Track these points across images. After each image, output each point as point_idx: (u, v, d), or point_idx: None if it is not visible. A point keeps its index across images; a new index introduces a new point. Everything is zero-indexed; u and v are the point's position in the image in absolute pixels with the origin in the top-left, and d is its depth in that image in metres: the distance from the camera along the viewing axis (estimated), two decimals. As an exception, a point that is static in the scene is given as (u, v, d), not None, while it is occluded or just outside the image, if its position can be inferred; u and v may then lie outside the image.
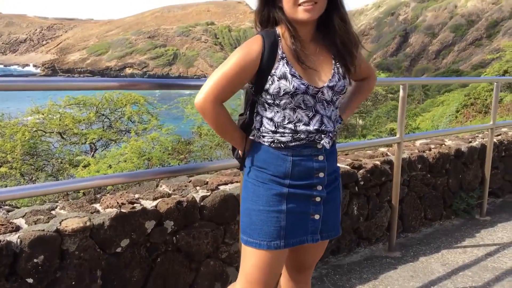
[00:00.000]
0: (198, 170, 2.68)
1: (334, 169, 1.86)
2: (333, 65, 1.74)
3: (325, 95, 1.71)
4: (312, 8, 1.65)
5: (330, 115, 1.74)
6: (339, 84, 1.72)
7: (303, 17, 1.66)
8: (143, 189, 2.56)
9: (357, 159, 3.49)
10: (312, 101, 1.70)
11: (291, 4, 1.66)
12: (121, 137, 11.61)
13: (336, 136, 1.82)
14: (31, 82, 1.93)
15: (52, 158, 10.19)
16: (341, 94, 1.75)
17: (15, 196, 2.07)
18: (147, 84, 2.33)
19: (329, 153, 1.79)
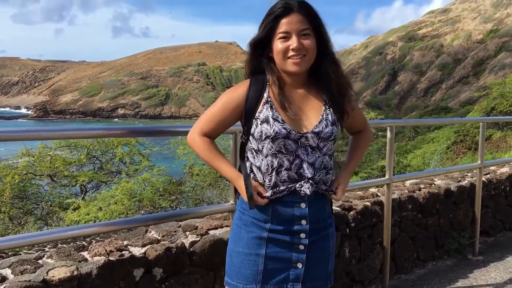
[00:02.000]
0: (188, 215, 2.68)
1: (322, 217, 1.82)
2: (322, 111, 1.75)
3: (309, 141, 1.72)
4: (301, 61, 1.70)
5: (313, 162, 1.72)
6: (325, 130, 1.72)
7: (292, 69, 1.71)
8: (132, 235, 2.54)
9: (348, 201, 3.49)
10: (294, 146, 1.71)
11: (280, 56, 1.71)
12: (112, 178, 11.56)
13: (326, 184, 1.78)
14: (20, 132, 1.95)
15: (41, 201, 10.10)
16: (329, 141, 1.74)
17: (1, 247, 2.04)
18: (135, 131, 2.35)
19: (314, 201, 1.75)
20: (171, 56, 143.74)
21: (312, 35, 1.71)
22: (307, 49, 1.70)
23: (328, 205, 1.84)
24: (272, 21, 1.71)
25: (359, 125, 1.98)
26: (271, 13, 1.72)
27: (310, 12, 1.72)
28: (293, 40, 1.68)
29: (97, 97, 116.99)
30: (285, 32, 1.69)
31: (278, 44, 1.70)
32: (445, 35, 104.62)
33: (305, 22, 1.70)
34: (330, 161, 1.78)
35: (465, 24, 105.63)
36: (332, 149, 1.78)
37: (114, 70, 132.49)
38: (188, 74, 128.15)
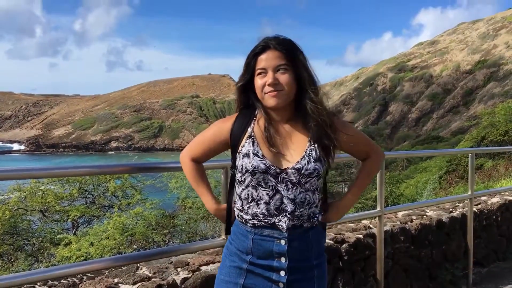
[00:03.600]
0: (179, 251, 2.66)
1: (306, 257, 1.78)
2: (306, 147, 1.77)
3: (289, 176, 1.74)
4: (277, 95, 1.75)
5: (294, 197, 1.73)
6: (307, 167, 1.73)
7: (270, 103, 1.77)
8: (123, 272, 2.52)
9: (340, 233, 3.49)
10: (273, 181, 1.74)
11: (259, 92, 1.79)
12: (104, 213, 11.43)
13: (311, 219, 1.77)
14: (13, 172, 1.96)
15: (32, 237, 9.93)
16: (312, 177, 1.75)
17: None
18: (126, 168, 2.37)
19: (296, 239, 1.75)
20: (164, 89, 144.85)
21: (289, 70, 1.76)
22: (283, 84, 1.74)
23: (316, 245, 1.81)
24: (252, 59, 1.79)
25: (362, 150, 1.95)
26: (251, 51, 1.80)
27: (287, 48, 1.77)
28: (269, 76, 1.74)
29: (90, 130, 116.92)
30: (262, 68, 1.76)
31: (257, 80, 1.78)
32: (434, 66, 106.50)
33: (282, 58, 1.75)
34: (313, 196, 1.78)
35: (453, 55, 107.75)
36: (317, 185, 1.78)
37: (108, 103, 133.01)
38: (182, 106, 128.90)
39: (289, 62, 1.76)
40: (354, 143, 1.88)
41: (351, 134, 1.83)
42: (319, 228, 1.81)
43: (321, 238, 1.84)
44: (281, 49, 1.76)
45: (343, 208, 1.91)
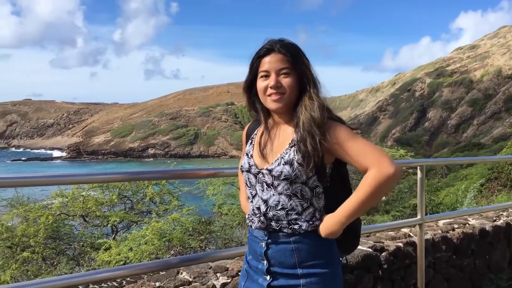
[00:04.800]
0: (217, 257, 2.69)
1: (288, 264, 1.77)
2: (284, 150, 1.77)
3: (265, 177, 1.77)
4: (279, 98, 1.78)
5: (267, 199, 1.76)
6: (277, 168, 1.74)
7: (271, 106, 1.81)
8: (163, 276, 2.57)
9: (379, 241, 3.45)
10: (254, 181, 1.81)
11: (261, 94, 1.83)
12: (142, 218, 11.65)
13: (290, 225, 1.76)
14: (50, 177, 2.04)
15: (74, 242, 10.22)
16: (282, 180, 1.73)
17: None
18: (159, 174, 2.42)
19: (275, 243, 1.77)
20: (200, 97, 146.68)
21: (292, 74, 1.78)
22: (285, 87, 1.77)
23: (304, 254, 1.76)
24: (255, 61, 1.83)
25: (356, 161, 1.75)
26: (256, 53, 1.84)
27: (291, 51, 1.80)
28: (271, 78, 1.78)
29: (128, 137, 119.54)
30: (265, 71, 1.80)
31: (259, 82, 1.82)
32: (475, 71, 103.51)
33: (285, 61, 1.78)
34: (290, 201, 1.75)
35: (494, 59, 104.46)
36: (293, 190, 1.74)
37: (145, 111, 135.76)
38: (217, 113, 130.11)
39: (292, 66, 1.78)
40: (343, 152, 1.75)
41: (336, 142, 1.73)
42: (310, 236, 1.77)
43: (313, 247, 1.78)
44: (285, 52, 1.79)
45: (330, 222, 1.78)
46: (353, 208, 1.73)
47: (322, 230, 1.77)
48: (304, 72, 1.80)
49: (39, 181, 2.02)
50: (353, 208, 1.73)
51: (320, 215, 1.81)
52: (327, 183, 1.80)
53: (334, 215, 1.77)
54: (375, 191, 1.69)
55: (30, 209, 10.28)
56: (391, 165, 1.69)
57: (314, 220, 1.78)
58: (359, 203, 1.72)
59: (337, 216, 1.76)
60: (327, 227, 1.76)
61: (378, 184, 1.68)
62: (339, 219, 1.75)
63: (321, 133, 1.71)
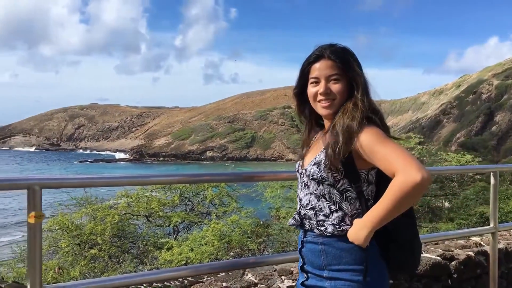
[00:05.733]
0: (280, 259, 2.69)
1: (316, 264, 1.80)
2: (320, 151, 1.82)
3: (303, 178, 1.85)
4: (329, 105, 1.82)
5: (302, 197, 1.84)
6: (308, 169, 1.80)
7: (321, 112, 1.86)
8: (230, 277, 2.61)
9: (448, 250, 3.32)
10: (299, 180, 1.89)
11: (312, 100, 1.88)
12: (202, 219, 11.90)
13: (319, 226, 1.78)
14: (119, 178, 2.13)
15: (137, 240, 10.62)
16: (312, 180, 1.79)
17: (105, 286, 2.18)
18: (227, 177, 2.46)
19: (307, 243, 1.83)
20: (257, 100, 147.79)
21: (342, 79, 1.80)
22: (335, 93, 1.80)
23: (331, 256, 1.76)
24: (306, 68, 1.87)
25: (387, 168, 1.69)
26: (306, 59, 1.88)
27: (341, 57, 1.80)
28: (321, 85, 1.81)
29: (187, 140, 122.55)
30: (315, 77, 1.83)
31: (310, 88, 1.86)
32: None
33: (335, 67, 1.79)
34: (319, 202, 1.77)
35: None
36: (321, 191, 1.77)
37: (204, 115, 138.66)
38: (274, 117, 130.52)
39: (342, 72, 1.79)
40: (371, 157, 1.71)
41: (364, 146, 1.70)
42: (338, 240, 1.76)
43: (340, 252, 1.75)
44: (335, 58, 1.80)
45: (358, 226, 1.74)
46: (379, 214, 1.69)
47: (348, 233, 1.76)
48: (354, 78, 1.80)
49: (107, 181, 2.11)
50: (379, 215, 1.68)
51: (350, 221, 1.78)
52: (361, 188, 1.78)
53: (361, 220, 1.75)
54: (401, 199, 1.63)
55: (97, 208, 10.79)
56: (418, 172, 1.60)
57: (342, 225, 1.77)
58: (385, 211, 1.66)
59: (363, 221, 1.73)
60: (352, 231, 1.75)
61: (403, 192, 1.61)
62: (364, 224, 1.72)
63: (347, 139, 1.71)
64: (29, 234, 1.72)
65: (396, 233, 1.78)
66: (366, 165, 1.76)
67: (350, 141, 1.71)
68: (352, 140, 1.71)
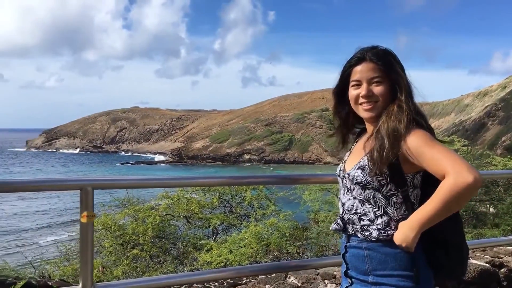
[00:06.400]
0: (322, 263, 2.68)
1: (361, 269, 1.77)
2: (364, 154, 1.79)
3: (346, 182, 1.82)
4: (371, 108, 1.81)
5: (344, 202, 1.82)
6: (352, 173, 1.78)
7: (363, 115, 1.85)
8: (272, 279, 2.61)
9: (497, 256, 3.21)
10: (341, 184, 1.87)
11: (353, 103, 1.87)
12: (241, 222, 11.95)
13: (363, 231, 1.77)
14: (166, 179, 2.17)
15: (178, 241, 10.77)
16: (355, 185, 1.76)
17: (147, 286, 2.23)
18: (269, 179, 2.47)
19: (351, 247, 1.81)
20: (295, 103, 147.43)
21: (384, 82, 1.78)
22: (377, 96, 1.78)
23: (376, 261, 1.73)
24: (347, 70, 1.86)
25: (436, 170, 1.66)
26: (347, 62, 1.87)
27: (383, 59, 1.78)
28: (363, 88, 1.79)
29: (225, 143, 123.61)
30: (356, 80, 1.82)
31: (351, 91, 1.86)
32: None
33: (377, 70, 1.78)
34: (363, 207, 1.74)
35: None
36: (365, 195, 1.73)
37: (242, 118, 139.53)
38: (311, 119, 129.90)
39: (384, 74, 1.77)
40: (419, 159, 1.68)
41: (412, 148, 1.67)
42: (384, 245, 1.73)
43: (386, 257, 1.72)
44: (376, 61, 1.78)
45: (404, 228, 1.70)
46: (427, 215, 1.66)
47: (395, 236, 1.72)
48: (396, 80, 1.77)
49: (156, 183, 2.17)
50: (427, 216, 1.66)
51: (396, 226, 1.75)
52: (407, 193, 1.75)
53: (407, 221, 1.71)
54: (451, 200, 1.61)
55: (139, 209, 11.02)
56: (469, 173, 1.58)
57: (388, 229, 1.74)
58: (434, 212, 1.64)
59: (410, 222, 1.70)
60: (399, 233, 1.72)
61: (454, 193, 1.59)
62: (411, 226, 1.69)
63: (393, 142, 1.68)
64: (81, 233, 1.78)
65: (444, 238, 1.74)
66: (413, 168, 1.74)
67: (397, 145, 1.70)
68: (399, 144, 1.70)
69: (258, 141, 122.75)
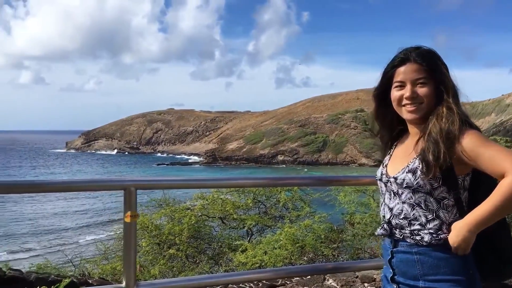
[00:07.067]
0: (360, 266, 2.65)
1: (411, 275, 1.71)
2: (412, 158, 1.74)
3: (392, 186, 1.76)
4: (415, 109, 1.76)
5: (392, 207, 1.76)
6: (400, 176, 1.72)
7: (407, 117, 1.80)
8: (310, 281, 2.60)
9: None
10: (384, 189, 1.81)
11: (395, 104, 1.82)
12: (275, 223, 11.94)
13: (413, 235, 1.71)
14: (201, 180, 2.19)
15: (213, 242, 10.87)
16: (405, 188, 1.71)
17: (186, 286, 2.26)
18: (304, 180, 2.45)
19: (399, 253, 1.74)
20: (329, 104, 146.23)
21: (429, 83, 1.73)
22: (422, 97, 1.74)
23: (427, 266, 1.68)
24: (389, 71, 1.82)
25: (494, 169, 1.64)
26: (390, 63, 1.82)
27: (427, 60, 1.74)
28: (407, 89, 1.75)
29: (259, 144, 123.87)
30: (400, 81, 1.78)
31: (394, 92, 1.81)
32: None
33: (421, 71, 1.74)
34: (413, 211, 1.69)
35: None
36: (416, 199, 1.68)
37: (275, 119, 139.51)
38: (346, 120, 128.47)
39: (429, 75, 1.73)
40: (475, 160, 1.64)
41: (467, 150, 1.64)
42: (435, 249, 1.68)
43: (438, 261, 1.67)
44: (421, 61, 1.74)
45: (460, 229, 1.66)
46: (484, 215, 1.62)
47: (450, 238, 1.67)
48: (442, 81, 1.74)
49: (197, 184, 2.20)
50: (484, 216, 1.62)
51: (448, 229, 1.71)
52: (459, 195, 1.71)
53: (462, 222, 1.67)
54: (510, 200, 1.57)
55: (175, 209, 11.18)
56: None
57: (440, 233, 1.70)
58: (491, 212, 1.60)
59: (466, 223, 1.66)
60: (454, 235, 1.67)
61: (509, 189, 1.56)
62: (467, 227, 1.64)
63: (448, 144, 1.65)
64: (125, 232, 1.82)
65: (494, 240, 1.70)
66: (464, 170, 1.72)
67: (452, 147, 1.67)
68: (454, 145, 1.67)
69: (292, 142, 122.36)
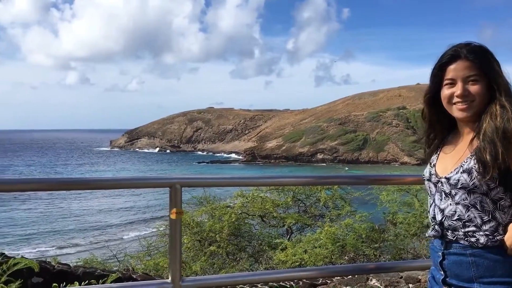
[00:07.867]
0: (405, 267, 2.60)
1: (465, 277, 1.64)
2: (466, 158, 1.66)
3: (443, 186, 1.70)
4: (467, 107, 1.68)
5: (444, 208, 1.70)
6: (454, 177, 1.66)
7: (458, 115, 1.73)
8: (353, 281, 2.58)
9: None
10: (433, 190, 1.76)
11: (445, 102, 1.76)
12: (315, 222, 11.88)
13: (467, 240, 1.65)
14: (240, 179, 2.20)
15: (253, 240, 10.94)
16: (459, 189, 1.65)
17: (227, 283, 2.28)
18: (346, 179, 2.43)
19: (451, 254, 1.69)
20: (369, 101, 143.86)
21: (481, 80, 1.66)
22: (473, 95, 1.67)
23: (482, 268, 1.62)
24: (439, 70, 1.76)
25: None
26: (439, 60, 1.76)
27: (479, 57, 1.67)
28: (458, 87, 1.68)
29: (298, 142, 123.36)
30: (450, 79, 1.71)
31: (444, 90, 1.75)
32: None
33: (473, 68, 1.67)
34: (468, 212, 1.63)
35: None
36: (471, 200, 1.62)
37: (315, 117, 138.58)
38: (387, 118, 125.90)
39: (481, 72, 1.66)
40: None
41: None
42: (491, 251, 1.61)
43: (494, 263, 1.61)
44: (473, 58, 1.67)
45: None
46: None
47: (506, 240, 1.61)
48: (494, 78, 1.66)
49: (241, 182, 2.22)
50: None
51: (504, 231, 1.64)
52: None
53: None
54: None
55: (216, 207, 11.31)
56: None
57: (496, 235, 1.63)
58: None
59: None
60: (511, 236, 1.61)
61: None
62: None
63: (505, 143, 1.57)
64: (171, 229, 1.87)
65: None
66: None
67: (510, 146, 1.60)
68: (511, 145, 1.60)
69: (332, 141, 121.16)
